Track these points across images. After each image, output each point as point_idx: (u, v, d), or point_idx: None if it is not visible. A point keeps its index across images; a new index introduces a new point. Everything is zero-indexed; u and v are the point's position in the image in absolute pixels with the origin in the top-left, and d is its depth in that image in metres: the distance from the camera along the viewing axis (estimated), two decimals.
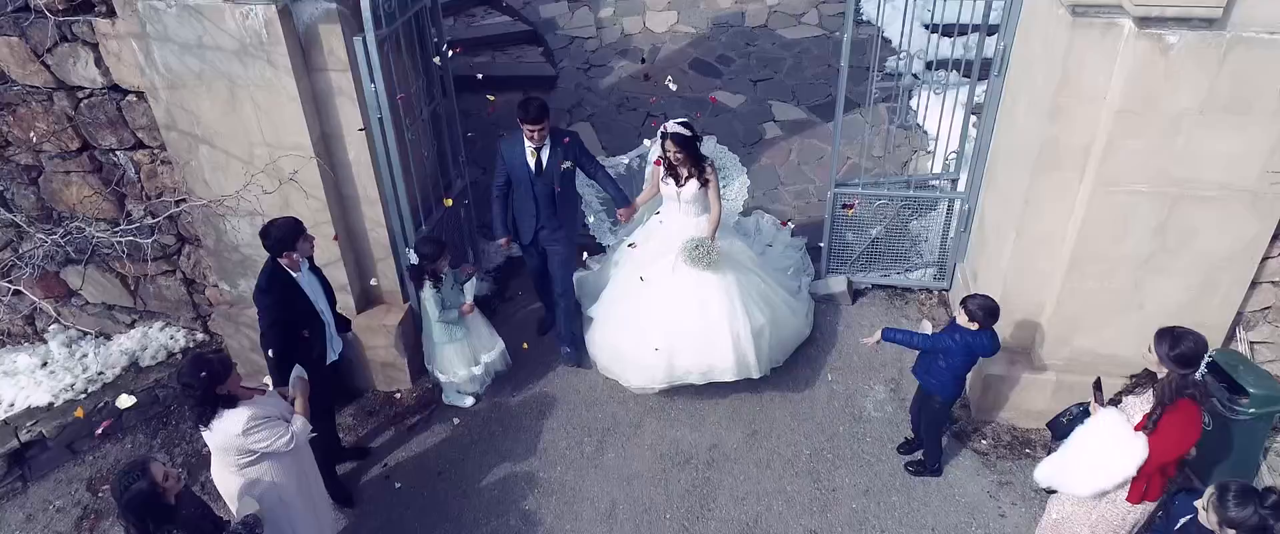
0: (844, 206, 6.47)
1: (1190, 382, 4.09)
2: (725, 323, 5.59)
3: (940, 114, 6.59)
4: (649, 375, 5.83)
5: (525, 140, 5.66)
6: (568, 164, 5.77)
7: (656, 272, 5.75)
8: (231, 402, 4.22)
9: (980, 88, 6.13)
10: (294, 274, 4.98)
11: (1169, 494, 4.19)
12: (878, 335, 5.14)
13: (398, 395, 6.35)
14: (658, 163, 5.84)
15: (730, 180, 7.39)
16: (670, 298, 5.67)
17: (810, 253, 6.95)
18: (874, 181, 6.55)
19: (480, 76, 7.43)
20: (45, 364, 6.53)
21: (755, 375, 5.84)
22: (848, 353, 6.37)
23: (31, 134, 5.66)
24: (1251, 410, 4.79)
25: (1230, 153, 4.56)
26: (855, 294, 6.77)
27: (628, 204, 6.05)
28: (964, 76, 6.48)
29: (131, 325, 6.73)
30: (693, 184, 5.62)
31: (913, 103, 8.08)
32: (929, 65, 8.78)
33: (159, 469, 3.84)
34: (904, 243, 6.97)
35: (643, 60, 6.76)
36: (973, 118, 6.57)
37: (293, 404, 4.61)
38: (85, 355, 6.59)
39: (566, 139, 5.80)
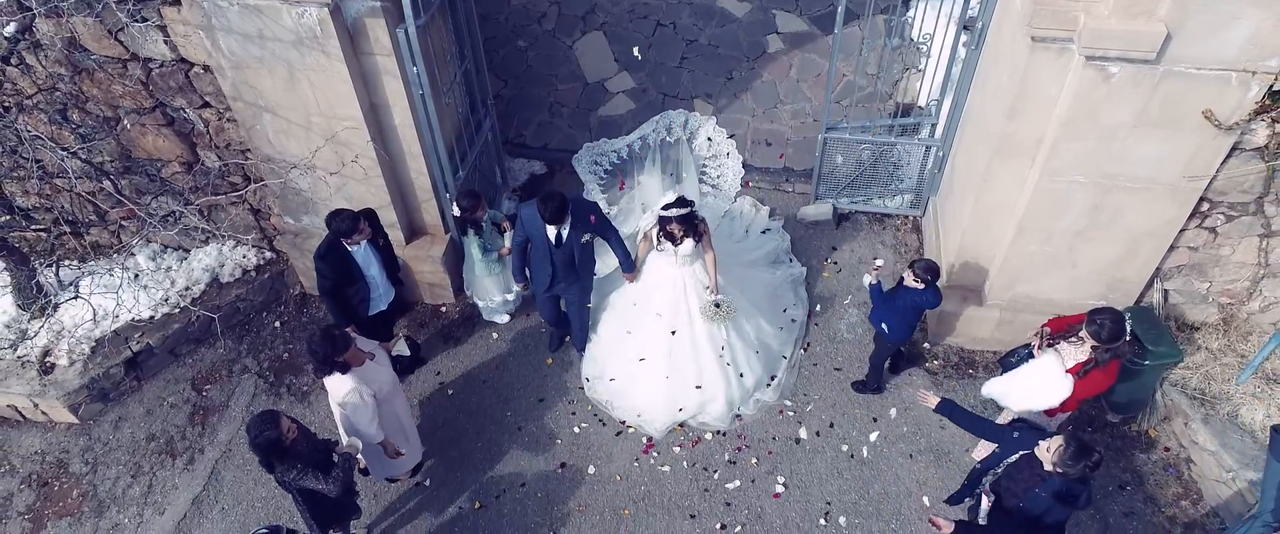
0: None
1: (1120, 349, 5.18)
2: (721, 393, 6.55)
3: (931, 41, 7.02)
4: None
5: None
6: (588, 237, 6.14)
7: (663, 327, 6.44)
8: (345, 368, 5.32)
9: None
10: (351, 248, 5.96)
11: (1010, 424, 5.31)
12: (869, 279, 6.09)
13: (443, 309, 7.45)
14: (646, 239, 6.30)
15: (725, 171, 8.01)
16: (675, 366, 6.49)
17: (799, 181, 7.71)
18: (861, 126, 7.25)
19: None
20: (137, 276, 7.58)
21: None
22: (828, 278, 7.37)
23: (118, 112, 6.41)
24: (1147, 363, 5.90)
25: (1156, 157, 5.35)
26: (839, 219, 7.67)
27: (632, 268, 6.45)
28: None
29: (206, 242, 7.71)
30: (689, 242, 6.11)
31: (909, 16, 8.51)
32: None
33: (285, 422, 5.04)
34: (886, 168, 7.76)
35: None
36: (963, 36, 7.02)
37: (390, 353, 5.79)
38: (170, 269, 7.61)
39: (592, 217, 6.09)
